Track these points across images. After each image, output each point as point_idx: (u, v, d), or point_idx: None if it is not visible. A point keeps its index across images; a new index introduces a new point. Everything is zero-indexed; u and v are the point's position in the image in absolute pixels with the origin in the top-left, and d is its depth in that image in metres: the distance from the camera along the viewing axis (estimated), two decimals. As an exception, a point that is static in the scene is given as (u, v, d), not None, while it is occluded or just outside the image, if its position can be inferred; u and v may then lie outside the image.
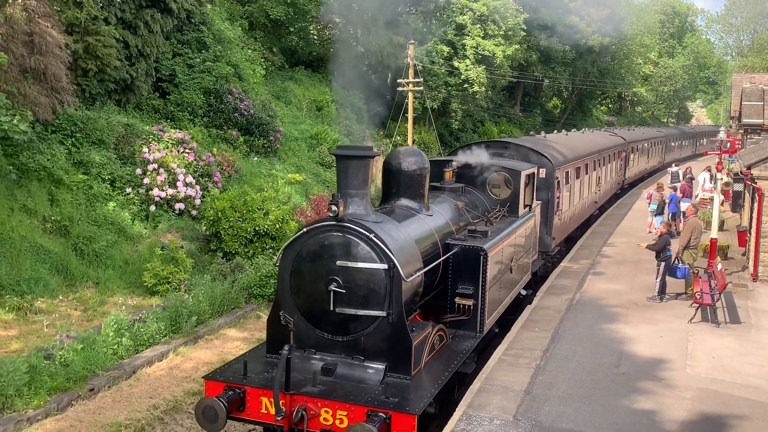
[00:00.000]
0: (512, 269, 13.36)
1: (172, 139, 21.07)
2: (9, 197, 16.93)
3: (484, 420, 9.88)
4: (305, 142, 29.31)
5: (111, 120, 20.18)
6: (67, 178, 18.23)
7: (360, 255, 9.38)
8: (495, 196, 14.72)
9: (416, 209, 11.48)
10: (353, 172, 9.72)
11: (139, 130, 20.79)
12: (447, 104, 43.33)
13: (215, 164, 21.89)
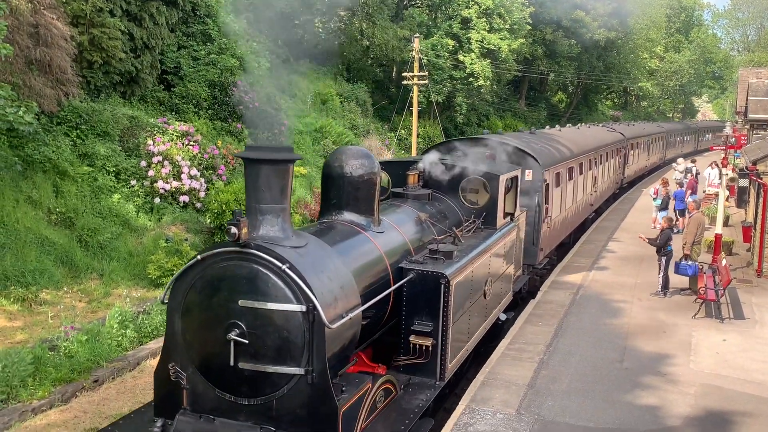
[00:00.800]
0: (486, 294, 11.33)
1: (177, 131, 21.06)
2: (14, 189, 16.95)
3: (487, 414, 9.90)
4: (309, 135, 29.28)
5: (116, 112, 20.17)
6: (72, 170, 18.23)
7: (270, 293, 7.08)
8: (470, 204, 12.54)
9: (362, 225, 9.39)
10: (266, 180, 7.35)
11: (144, 122, 20.79)
12: (452, 98, 43.25)
13: (220, 157, 21.90)
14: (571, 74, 59.95)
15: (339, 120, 32.72)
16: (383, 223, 9.84)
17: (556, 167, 17.82)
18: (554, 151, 18.78)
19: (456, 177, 12.52)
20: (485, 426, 9.54)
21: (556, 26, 53.41)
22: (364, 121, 35.76)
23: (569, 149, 20.68)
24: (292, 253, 7.33)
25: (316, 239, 8.14)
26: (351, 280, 8.02)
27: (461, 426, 9.51)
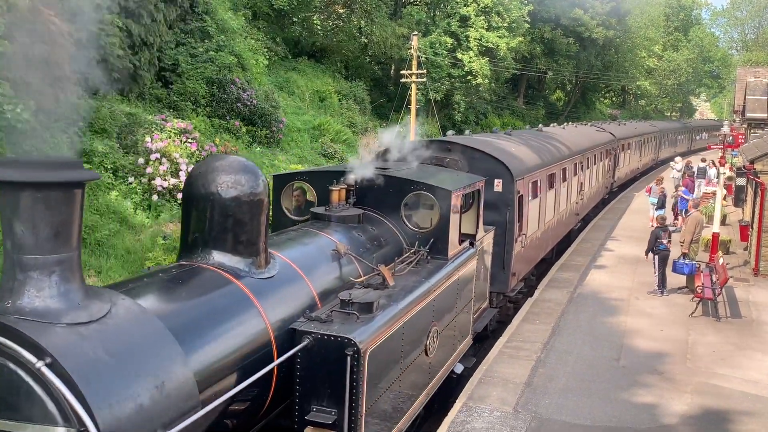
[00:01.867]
0: (429, 350, 8.67)
1: (175, 128, 21.04)
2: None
3: (484, 412, 9.92)
4: (308, 132, 29.28)
5: (114, 109, 20.16)
6: (69, 167, 18.20)
7: (22, 407, 4.52)
8: (414, 227, 9.70)
9: (237, 271, 6.61)
10: (29, 215, 4.79)
11: (142, 119, 20.77)
12: (450, 96, 43.27)
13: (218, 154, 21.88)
14: (569, 72, 59.97)
15: (337, 117, 32.72)
16: (276, 264, 7.10)
17: (533, 175, 15.22)
18: (533, 156, 16.42)
19: (397, 191, 9.63)
20: (482, 423, 9.56)
21: (554, 24, 53.43)
22: (362, 118, 35.77)
23: (551, 153, 18.53)
24: (67, 336, 4.66)
25: (131, 303, 5.33)
26: (183, 372, 5.28)
27: (458, 424, 9.53)
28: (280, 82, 31.82)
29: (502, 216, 13.17)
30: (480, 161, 13.23)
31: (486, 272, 12.19)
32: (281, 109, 27.40)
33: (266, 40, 32.62)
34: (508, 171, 13.31)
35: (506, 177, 13.28)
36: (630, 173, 37.78)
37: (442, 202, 9.45)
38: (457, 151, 13.41)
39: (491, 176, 12.93)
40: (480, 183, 11.25)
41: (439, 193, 9.47)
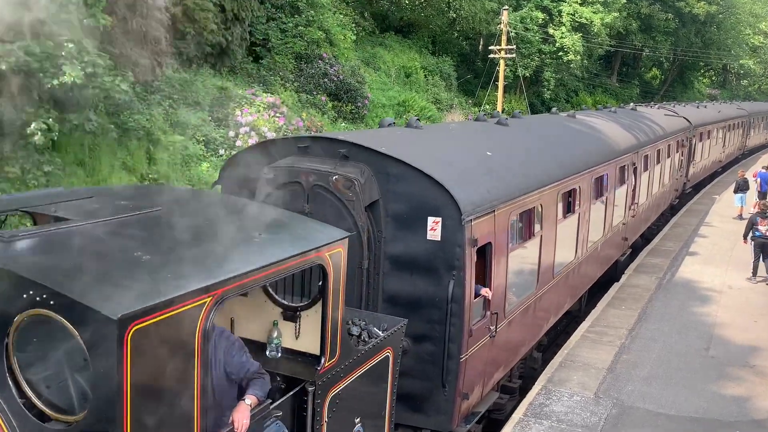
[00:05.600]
0: None
1: (264, 103, 21.80)
2: (110, 155, 18.01)
3: (564, 395, 9.97)
4: (392, 108, 29.66)
5: (206, 83, 21.06)
6: (164, 138, 19.18)
7: None
8: None
9: None
10: None
11: (233, 93, 21.60)
12: (540, 73, 42.74)
13: (304, 129, 22.54)
14: (666, 50, 58.01)
15: (422, 94, 32.95)
16: None
17: (519, 202, 8.73)
18: (526, 167, 9.79)
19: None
20: (561, 407, 9.59)
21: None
22: (447, 95, 35.86)
23: (570, 156, 11.92)
24: None
25: None
26: None
27: (536, 406, 9.58)
28: (366, 58, 32.27)
29: (438, 287, 7.09)
30: (403, 183, 7.15)
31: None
32: (367, 85, 27.86)
33: (354, 14, 33.08)
34: (453, 203, 7.03)
35: (448, 212, 7.06)
36: (709, 169, 31.52)
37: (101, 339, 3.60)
38: (360, 162, 7.17)
39: (423, 212, 7.10)
40: (317, 251, 4.96)
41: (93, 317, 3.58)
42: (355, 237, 6.61)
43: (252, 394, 4.54)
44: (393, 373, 5.98)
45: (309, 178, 6.71)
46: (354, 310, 6.39)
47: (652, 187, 19.09)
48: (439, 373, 6.99)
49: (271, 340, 5.26)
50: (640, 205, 17.53)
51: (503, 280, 8.12)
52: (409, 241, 6.90)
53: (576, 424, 9.16)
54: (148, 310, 3.62)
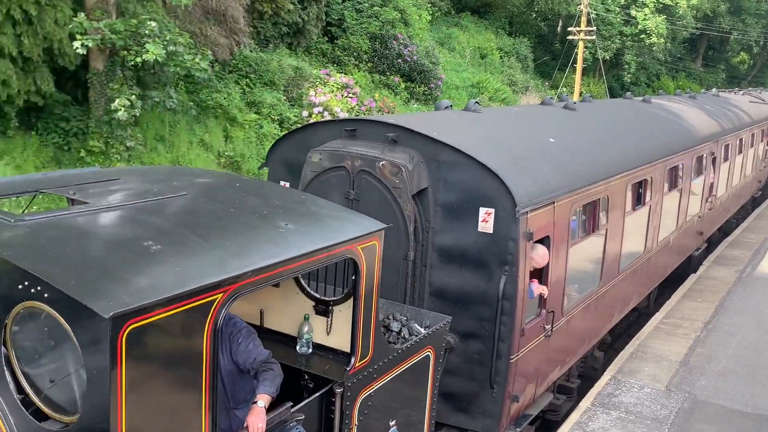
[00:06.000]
0: None
1: (337, 83, 21.45)
2: (189, 132, 18.07)
3: (634, 387, 9.45)
4: (466, 90, 28.83)
5: (282, 63, 20.85)
6: (240, 116, 19.14)
7: None
8: None
9: None
10: None
11: (308, 73, 21.34)
12: (620, 55, 40.85)
13: (376, 109, 22.11)
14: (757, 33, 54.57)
15: (497, 75, 31.92)
16: None
17: (581, 193, 7.73)
18: (594, 155, 8.80)
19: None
20: (630, 398, 9.10)
21: (743, -21, 48.70)
22: (523, 77, 34.66)
23: (653, 144, 11.12)
24: None
25: None
26: None
27: (605, 396, 9.14)
28: (441, 38, 31.44)
29: (489, 283, 6.40)
30: (455, 171, 6.46)
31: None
32: (441, 66, 27.13)
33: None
34: (507, 193, 6.28)
35: (501, 203, 6.33)
36: None
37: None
38: (409, 147, 6.51)
39: (475, 202, 6.40)
40: (347, 244, 4.42)
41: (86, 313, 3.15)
42: (401, 226, 6.08)
43: (263, 392, 4.06)
44: (434, 374, 5.43)
45: (354, 163, 6.16)
46: (396, 304, 5.84)
47: (732, 178, 17.39)
48: (487, 373, 6.34)
49: (301, 335, 4.82)
50: (718, 197, 15.98)
51: (562, 276, 7.28)
52: (459, 232, 6.23)
53: (645, 416, 8.62)
54: (148, 307, 3.19)
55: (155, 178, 4.75)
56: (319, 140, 6.53)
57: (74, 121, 15.02)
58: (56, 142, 14.87)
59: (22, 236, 3.52)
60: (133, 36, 14.18)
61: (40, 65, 13.73)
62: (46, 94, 14.14)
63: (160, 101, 15.61)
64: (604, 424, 8.45)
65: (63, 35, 13.57)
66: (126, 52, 14.20)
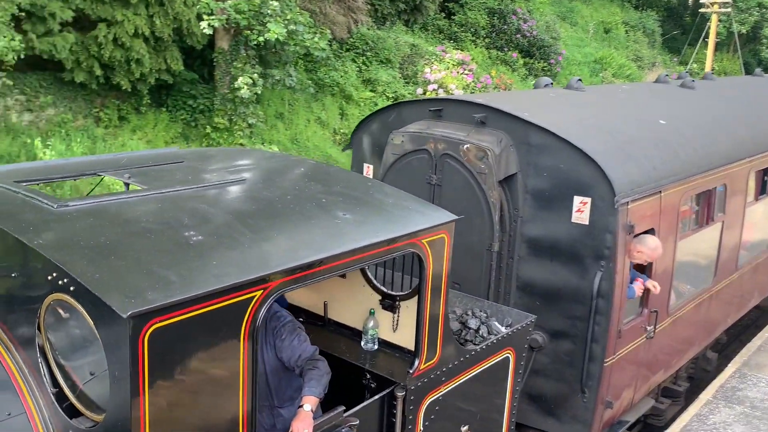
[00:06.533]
0: None
1: (453, 60, 20.71)
2: (306, 109, 18.04)
3: (761, 381, 8.52)
4: (588, 66, 27.11)
5: (398, 40, 20.36)
6: (356, 94, 18.89)
7: None
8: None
9: None
10: None
11: (423, 50, 20.73)
12: (758, 29, 37.05)
13: (492, 86, 21.17)
14: None
15: (622, 51, 29.80)
16: None
17: (688, 183, 6.60)
18: (703, 142, 7.35)
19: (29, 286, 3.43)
20: (756, 393, 8.19)
21: None
22: (650, 52, 32.20)
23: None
24: None
25: None
26: None
27: (728, 389, 8.26)
28: (563, 12, 29.68)
29: (582, 279, 5.61)
30: (547, 155, 5.65)
31: None
32: (561, 41, 25.62)
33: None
34: (606, 181, 5.42)
35: (599, 192, 5.48)
36: None
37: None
38: (498, 129, 5.79)
39: (569, 190, 5.57)
40: (411, 237, 3.88)
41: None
42: (486, 215, 5.41)
43: (309, 394, 3.60)
44: (514, 377, 4.82)
45: (438, 146, 5.52)
46: (476, 299, 5.22)
47: None
48: (578, 376, 5.54)
49: (366, 331, 4.36)
50: None
51: (668, 272, 6.29)
52: (551, 222, 5.47)
53: (774, 413, 7.69)
54: (174, 305, 2.83)
55: (220, 162, 4.41)
56: (403, 121, 5.98)
57: (201, 98, 15.32)
58: (184, 118, 15.22)
59: (60, 223, 3.26)
60: (256, 16, 14.21)
61: (170, 45, 14.04)
62: (175, 73, 14.47)
63: (281, 79, 15.63)
64: (726, 418, 7.61)
65: (191, 15, 13.80)
66: (249, 31, 14.27)
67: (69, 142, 12.79)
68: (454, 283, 5.55)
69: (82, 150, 12.79)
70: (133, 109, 14.36)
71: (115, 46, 12.74)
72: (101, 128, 13.74)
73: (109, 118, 13.84)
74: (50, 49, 11.99)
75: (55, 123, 13.08)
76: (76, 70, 12.73)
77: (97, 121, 13.80)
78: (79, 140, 12.93)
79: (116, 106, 14.01)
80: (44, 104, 13.00)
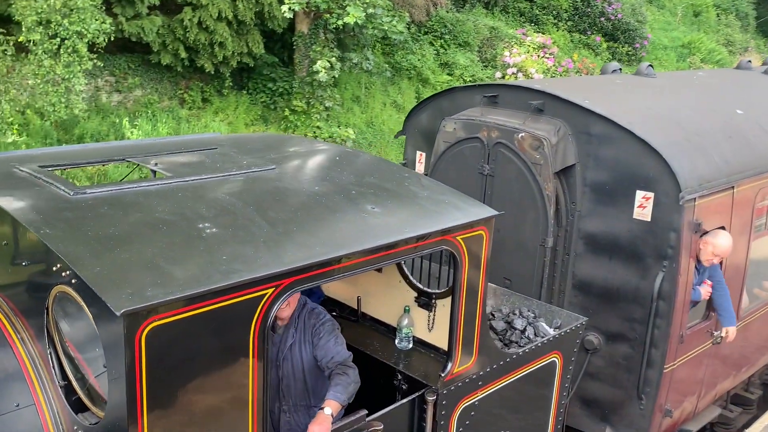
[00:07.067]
0: None
1: (534, 43, 19.82)
2: (383, 93, 17.70)
3: None
4: (675, 51, 25.41)
5: (478, 23, 19.64)
6: (433, 78, 18.38)
7: None
8: None
9: None
10: None
11: (503, 33, 19.93)
12: None
13: (574, 71, 20.15)
14: None
15: (712, 35, 27.77)
16: None
17: (766, 178, 5.80)
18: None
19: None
20: None
21: None
22: (742, 37, 29.88)
23: None
24: None
25: None
26: None
27: None
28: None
29: (643, 279, 5.05)
30: (608, 146, 5.08)
31: None
32: (647, 24, 24.09)
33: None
34: (671, 175, 4.82)
35: (663, 187, 4.89)
36: None
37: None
38: (556, 117, 5.24)
39: (631, 184, 5.00)
40: (444, 234, 3.45)
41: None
42: (540, 208, 4.91)
43: (333, 398, 3.32)
44: (561, 382, 4.36)
45: (491, 134, 5.04)
46: (524, 297, 4.74)
47: None
48: (634, 381, 5.01)
49: (400, 328, 4.01)
50: None
51: (740, 274, 5.64)
52: (610, 218, 4.93)
53: None
54: (174, 303, 2.58)
55: (254, 148, 4.13)
56: (458, 107, 5.51)
57: (280, 81, 15.25)
58: (264, 101, 15.21)
59: (73, 211, 3.06)
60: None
61: (252, 28, 14.01)
62: (256, 56, 14.45)
63: (358, 63, 15.36)
64: None
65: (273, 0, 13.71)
66: (328, 15, 14.04)
67: (155, 122, 12.97)
68: (504, 278, 5.13)
69: (167, 131, 12.96)
70: (216, 91, 14.43)
71: (200, 30, 12.80)
72: (185, 109, 13.88)
73: (192, 100, 13.96)
74: (138, 31, 12.14)
75: (142, 104, 13.29)
76: (163, 52, 12.87)
77: (182, 103, 13.95)
78: (164, 121, 13.10)
79: (200, 88, 14.12)
80: (132, 85, 13.23)
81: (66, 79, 10.53)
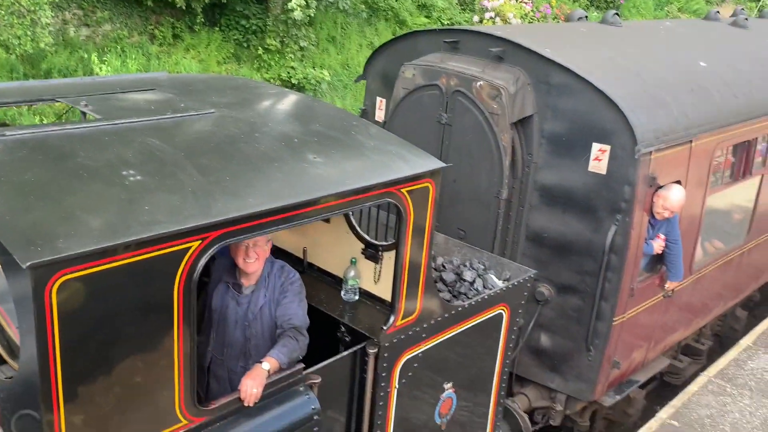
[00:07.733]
0: None
1: (513, -13, 19.23)
2: (359, 34, 17.16)
3: None
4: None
5: (458, -36, 19.02)
6: (410, 20, 17.85)
7: None
8: None
9: None
10: None
11: (482, -24, 19.29)
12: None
13: (551, 17, 19.64)
14: None
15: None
16: None
17: (724, 132, 5.64)
18: (747, 88, 6.23)
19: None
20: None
21: None
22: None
23: None
24: None
25: None
26: None
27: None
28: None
29: (595, 232, 4.92)
30: (567, 97, 4.86)
31: None
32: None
33: None
34: (627, 127, 4.63)
35: (619, 140, 4.71)
36: None
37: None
38: (516, 65, 4.97)
39: (587, 136, 4.82)
40: (387, 186, 3.26)
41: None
42: (495, 159, 4.72)
43: (275, 357, 3.17)
44: (507, 334, 4.26)
45: (450, 82, 4.78)
46: (476, 250, 4.59)
47: None
48: (584, 333, 4.94)
49: (346, 280, 3.85)
50: None
51: (694, 229, 5.49)
52: (566, 170, 4.75)
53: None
54: (88, 255, 2.38)
55: (195, 90, 3.85)
56: (419, 53, 5.21)
57: (254, 18, 14.64)
58: (236, 38, 14.62)
59: (-9, 157, 2.79)
60: (313, -70, 13.32)
61: (225, -40, 13.35)
62: (229, -9, 13.83)
63: (334, 2, 14.78)
64: (765, 364, 7.10)
65: (246, -69, 13.02)
66: (303, -51, 13.38)
67: (124, 58, 12.43)
68: (459, 229, 4.98)
69: (136, 67, 12.44)
70: (187, 27, 13.83)
71: (170, -39, 12.15)
72: (155, 46, 13.31)
73: (163, 36, 13.39)
74: (106, -37, 11.50)
75: (111, 39, 12.71)
76: (132, -15, 12.24)
77: (152, 39, 13.36)
78: (134, 57, 12.56)
79: (170, 23, 13.52)
80: (101, 19, 12.61)
81: (31, 11, 9.99)
